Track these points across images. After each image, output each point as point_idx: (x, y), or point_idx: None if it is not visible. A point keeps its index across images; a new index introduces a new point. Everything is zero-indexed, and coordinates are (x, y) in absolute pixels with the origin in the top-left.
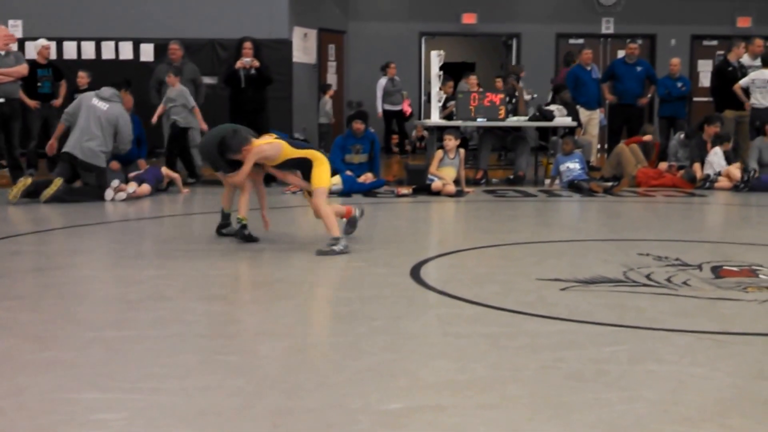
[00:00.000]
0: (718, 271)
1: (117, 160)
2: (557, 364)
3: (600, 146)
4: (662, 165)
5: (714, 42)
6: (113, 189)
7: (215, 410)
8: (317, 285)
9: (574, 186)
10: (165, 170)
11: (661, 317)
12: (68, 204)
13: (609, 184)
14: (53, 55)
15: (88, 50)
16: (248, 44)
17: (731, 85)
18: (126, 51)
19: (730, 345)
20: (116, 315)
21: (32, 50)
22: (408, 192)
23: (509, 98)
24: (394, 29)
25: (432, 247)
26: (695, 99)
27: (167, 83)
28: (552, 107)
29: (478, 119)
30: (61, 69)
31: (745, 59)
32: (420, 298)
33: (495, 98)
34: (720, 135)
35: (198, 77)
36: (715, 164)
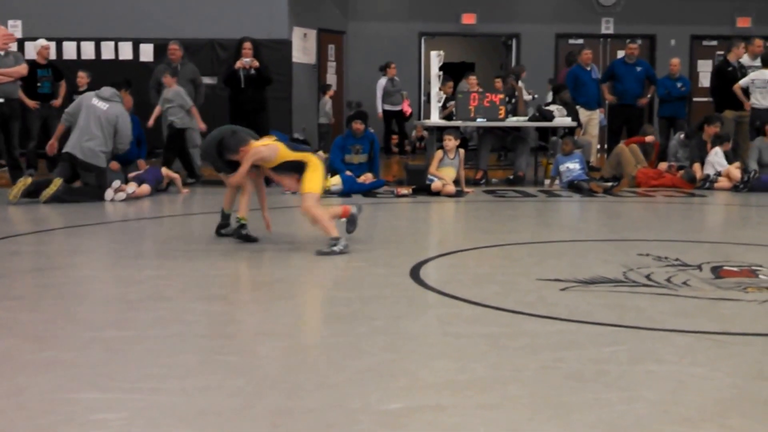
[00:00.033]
0: (718, 272)
1: (117, 161)
2: (557, 364)
3: (600, 146)
4: (662, 165)
5: (714, 42)
6: (113, 189)
7: (215, 410)
8: (317, 285)
9: (574, 186)
10: (165, 170)
11: (661, 317)
12: (68, 204)
13: (609, 185)
14: (53, 56)
15: (88, 50)
16: (248, 44)
17: (731, 86)
18: (125, 51)
19: (730, 345)
20: (116, 315)
21: (32, 50)
22: (408, 192)
23: (509, 98)
24: (394, 29)
25: (432, 248)
26: (695, 99)
27: (164, 84)
28: (552, 107)
29: (478, 119)
30: (61, 69)
31: (745, 59)
32: (420, 299)
33: (495, 98)
34: (719, 135)
35: (198, 77)
36: (717, 164)
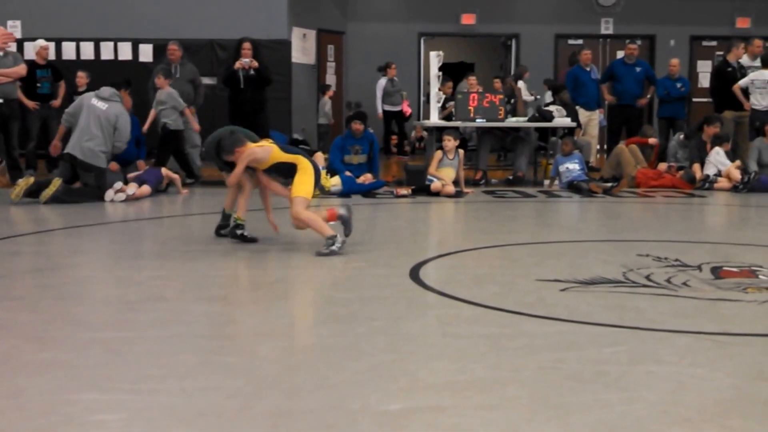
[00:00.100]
0: (718, 272)
1: (116, 162)
2: (557, 365)
3: (599, 147)
4: (662, 166)
5: (713, 43)
6: (114, 190)
7: (214, 411)
8: (316, 285)
9: (574, 187)
10: (165, 171)
11: (661, 318)
12: (68, 204)
13: (608, 185)
14: (52, 56)
15: (87, 51)
16: (247, 45)
17: (730, 86)
18: (125, 51)
19: (730, 346)
20: (115, 316)
21: (31, 51)
22: (407, 193)
23: (508, 99)
24: (393, 30)
25: (431, 248)
26: (694, 100)
27: (157, 85)
28: (551, 108)
29: (478, 120)
30: (60, 69)
31: (745, 60)
32: (419, 299)
33: (494, 99)
34: (719, 135)
35: (197, 78)
36: (719, 164)
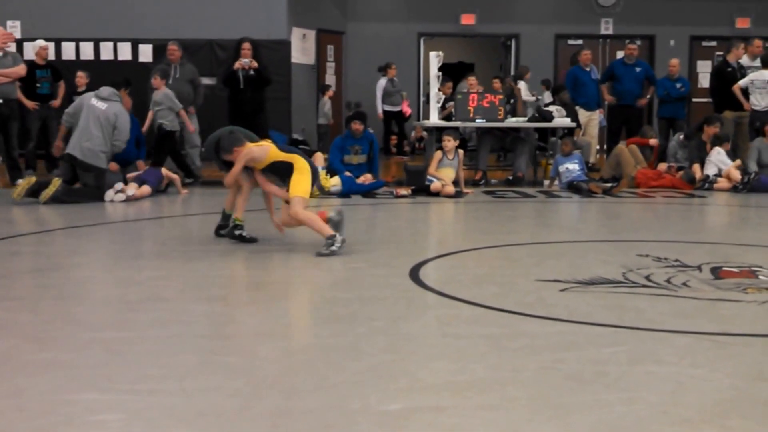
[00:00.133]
0: (718, 272)
1: (116, 162)
2: (557, 365)
3: (599, 147)
4: (661, 166)
5: (713, 43)
6: (115, 191)
7: (214, 411)
8: (316, 286)
9: (573, 187)
10: (164, 171)
11: (661, 318)
12: (67, 205)
13: (608, 185)
14: (51, 56)
15: (87, 51)
16: (247, 45)
17: (730, 86)
18: (124, 51)
19: (730, 346)
20: (115, 316)
21: (30, 51)
22: (407, 193)
23: (507, 99)
24: (393, 30)
25: (431, 248)
26: (694, 100)
27: (153, 86)
28: (551, 108)
29: (477, 120)
30: (60, 70)
31: (744, 60)
32: (419, 299)
33: (494, 99)
34: (719, 135)
35: (197, 78)
36: (720, 163)
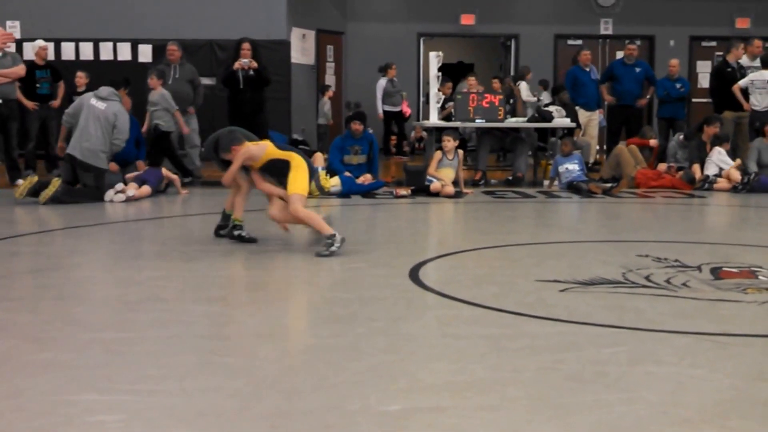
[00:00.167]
0: (718, 273)
1: (115, 162)
2: (557, 366)
3: (599, 147)
4: (661, 166)
5: (713, 43)
6: (115, 191)
7: (214, 411)
8: (316, 286)
9: (573, 187)
10: (164, 171)
11: (661, 318)
12: (67, 205)
13: (608, 186)
14: (51, 56)
15: (86, 51)
16: (246, 45)
17: (730, 87)
18: (124, 52)
19: (730, 346)
20: (115, 316)
21: (30, 51)
22: (407, 193)
23: (507, 99)
24: (393, 30)
25: (431, 249)
26: (694, 100)
27: (150, 86)
28: (551, 108)
29: (477, 120)
30: (59, 70)
31: (744, 60)
32: (419, 300)
33: (494, 99)
34: (718, 135)
35: (196, 78)
36: (721, 163)
